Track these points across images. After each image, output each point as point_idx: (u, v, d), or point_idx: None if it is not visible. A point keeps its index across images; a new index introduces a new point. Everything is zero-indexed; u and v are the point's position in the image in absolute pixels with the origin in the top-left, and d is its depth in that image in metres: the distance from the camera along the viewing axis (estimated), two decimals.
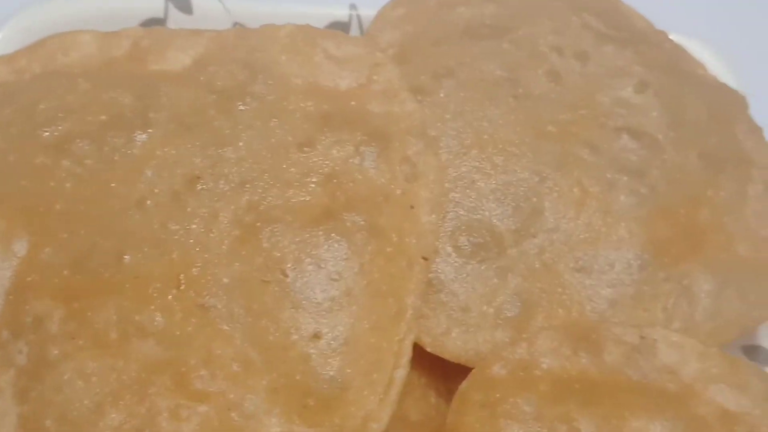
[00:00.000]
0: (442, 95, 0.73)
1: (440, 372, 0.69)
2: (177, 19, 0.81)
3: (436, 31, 0.78)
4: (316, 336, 0.60)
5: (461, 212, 0.69)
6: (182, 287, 0.61)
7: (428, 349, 0.66)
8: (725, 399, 0.65)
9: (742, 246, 0.73)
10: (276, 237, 0.62)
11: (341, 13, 0.85)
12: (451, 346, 0.66)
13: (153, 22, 0.80)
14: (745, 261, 0.72)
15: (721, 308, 0.70)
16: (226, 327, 0.60)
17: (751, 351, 0.77)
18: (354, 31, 0.84)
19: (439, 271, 0.67)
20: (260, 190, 0.63)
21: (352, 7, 0.85)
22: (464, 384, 0.64)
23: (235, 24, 0.82)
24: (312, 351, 0.60)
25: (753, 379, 0.66)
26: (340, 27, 0.84)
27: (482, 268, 0.68)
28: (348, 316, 0.61)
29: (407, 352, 0.62)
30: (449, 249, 0.68)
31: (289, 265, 0.61)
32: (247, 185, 0.63)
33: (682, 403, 0.64)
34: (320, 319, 0.60)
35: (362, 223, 0.63)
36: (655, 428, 0.62)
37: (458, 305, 0.66)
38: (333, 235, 0.62)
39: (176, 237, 0.62)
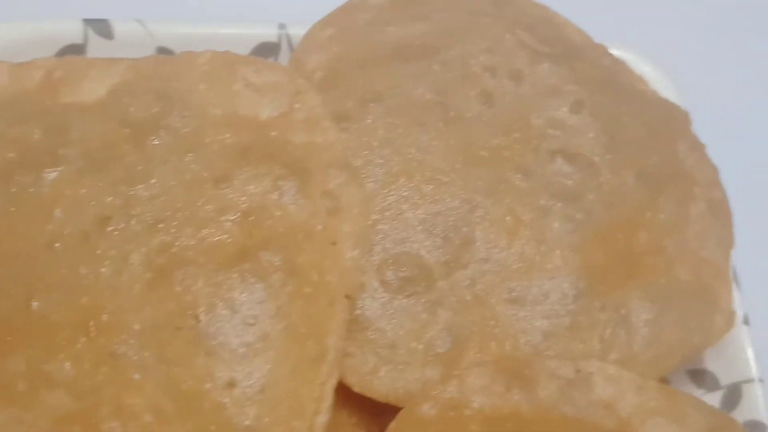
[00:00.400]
0: (369, 121, 0.70)
1: (371, 410, 0.66)
2: (97, 45, 0.78)
3: (365, 53, 0.75)
4: (231, 384, 0.57)
5: (388, 245, 0.66)
6: (92, 334, 0.58)
7: (355, 389, 0.64)
8: None
9: (682, 269, 0.71)
10: (188, 280, 0.59)
11: (271, 33, 0.82)
12: (379, 385, 0.64)
13: (72, 49, 0.77)
14: (685, 285, 0.70)
15: (660, 337, 0.68)
16: (137, 376, 0.57)
17: (698, 375, 0.76)
18: (284, 52, 0.81)
19: (366, 307, 0.65)
20: (173, 230, 0.61)
21: (282, 26, 0.82)
22: (392, 425, 0.62)
23: (159, 48, 0.79)
24: (226, 400, 0.57)
25: (691, 411, 0.65)
26: (269, 48, 0.82)
27: (411, 302, 0.65)
28: (264, 362, 0.58)
29: (329, 397, 0.60)
30: (376, 284, 0.65)
31: (201, 310, 0.59)
32: (160, 225, 0.61)
33: None
34: (235, 366, 0.58)
35: (279, 262, 0.60)
36: None
37: (386, 342, 0.64)
38: (248, 276, 0.60)
39: (86, 281, 0.60)
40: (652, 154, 0.74)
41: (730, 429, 0.66)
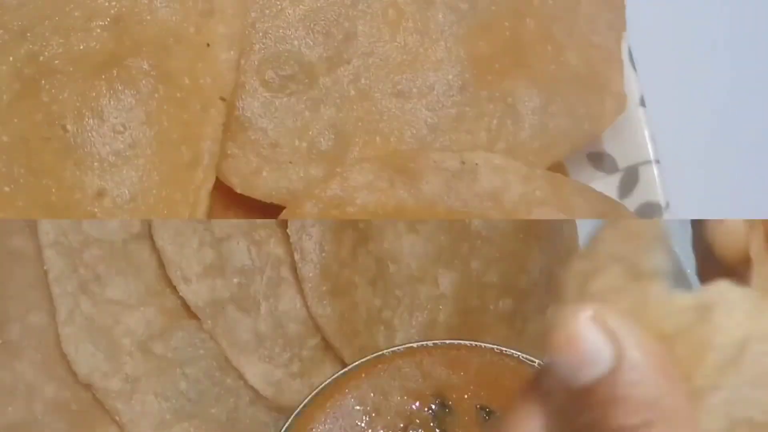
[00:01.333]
0: None
1: (255, 211, 0.66)
2: None
3: None
4: (101, 194, 0.58)
5: (268, 43, 0.65)
6: None
7: (237, 191, 0.64)
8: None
9: (572, 55, 0.70)
10: (56, 89, 0.59)
11: None
12: (262, 185, 0.64)
13: None
14: (575, 70, 0.70)
15: (548, 125, 0.68)
16: (6, 188, 0.57)
17: (596, 158, 0.76)
18: None
19: (246, 107, 0.64)
20: (41, 39, 0.60)
21: None
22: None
23: None
24: (96, 210, 0.57)
25: (577, 199, 0.65)
26: None
27: (292, 101, 0.65)
28: (134, 170, 0.58)
29: (204, 201, 0.60)
30: (256, 84, 0.65)
31: (68, 120, 0.58)
32: (28, 34, 0.60)
33: None
34: (104, 176, 0.58)
35: (148, 68, 0.60)
36: None
37: (268, 142, 0.64)
38: (116, 83, 0.59)
39: None
40: None
41: (616, 213, 0.67)
